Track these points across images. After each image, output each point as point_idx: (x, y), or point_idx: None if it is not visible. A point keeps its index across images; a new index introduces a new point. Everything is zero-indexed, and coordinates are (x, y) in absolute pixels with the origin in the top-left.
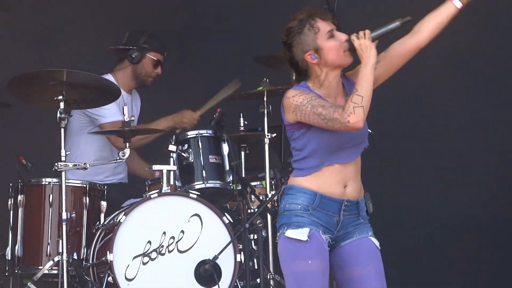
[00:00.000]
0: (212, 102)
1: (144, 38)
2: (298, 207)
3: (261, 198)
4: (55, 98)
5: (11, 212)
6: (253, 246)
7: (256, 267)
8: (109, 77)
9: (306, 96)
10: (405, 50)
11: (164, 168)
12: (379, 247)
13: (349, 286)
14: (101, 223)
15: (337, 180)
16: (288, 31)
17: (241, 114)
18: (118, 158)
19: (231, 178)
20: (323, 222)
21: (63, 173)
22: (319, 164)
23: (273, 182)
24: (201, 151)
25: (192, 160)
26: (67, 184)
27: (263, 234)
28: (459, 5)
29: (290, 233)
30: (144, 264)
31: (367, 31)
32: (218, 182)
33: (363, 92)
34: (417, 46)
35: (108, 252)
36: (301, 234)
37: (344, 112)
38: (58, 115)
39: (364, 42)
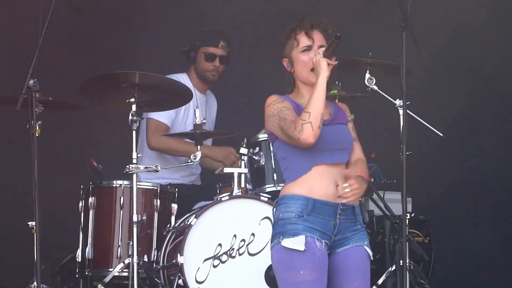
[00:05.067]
0: None
1: (196, 35)
2: (292, 214)
3: None
4: (127, 100)
5: (82, 214)
6: None
7: None
8: (184, 76)
9: (279, 105)
10: None
11: (235, 171)
12: (371, 257)
13: None
14: (172, 225)
15: (326, 180)
16: (285, 36)
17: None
18: (189, 161)
19: None
20: (319, 227)
21: (134, 176)
22: (306, 165)
23: None
24: (272, 154)
25: (263, 163)
26: (138, 186)
27: None
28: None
29: (286, 242)
30: (214, 267)
31: (321, 49)
32: None
33: (311, 108)
34: None
35: (178, 254)
36: (298, 243)
37: (295, 129)
38: (130, 117)
39: (316, 58)
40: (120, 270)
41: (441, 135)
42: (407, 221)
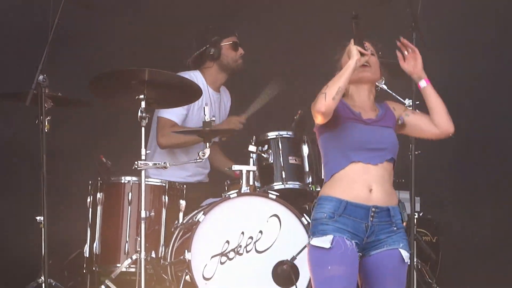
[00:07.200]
0: (256, 105)
1: (211, 33)
2: (324, 215)
3: None
4: (136, 97)
5: (90, 209)
6: None
7: None
8: (197, 73)
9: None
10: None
11: (244, 168)
12: (407, 260)
13: None
14: (180, 222)
15: (361, 182)
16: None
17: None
18: (198, 158)
19: (310, 179)
20: (350, 228)
21: (142, 172)
22: (342, 162)
23: None
24: (281, 152)
25: (271, 161)
26: (146, 182)
27: None
28: (424, 84)
29: (315, 241)
30: (222, 263)
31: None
32: (298, 183)
33: (330, 82)
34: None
35: (186, 251)
36: (325, 242)
37: (314, 102)
38: (139, 114)
39: (348, 47)
40: (127, 266)
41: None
42: (415, 220)
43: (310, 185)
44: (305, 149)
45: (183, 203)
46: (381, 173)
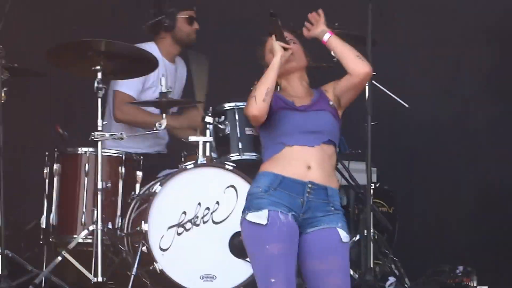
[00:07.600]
0: (200, 85)
1: (168, 4)
2: (259, 189)
3: None
4: (93, 68)
5: (47, 180)
6: None
7: None
8: (152, 45)
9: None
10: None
11: (200, 139)
12: (345, 240)
13: (310, 278)
14: (137, 193)
15: (299, 160)
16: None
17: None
18: (154, 129)
19: None
20: (285, 202)
21: (99, 143)
22: (279, 147)
23: None
24: (237, 123)
25: (228, 132)
26: (103, 154)
27: None
28: (327, 36)
29: (250, 216)
30: (178, 234)
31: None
32: (254, 154)
33: (258, 84)
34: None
35: (143, 222)
36: (260, 217)
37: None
38: (96, 85)
39: (270, 43)
40: (84, 237)
41: (406, 105)
42: (371, 191)
43: None
44: None
45: (139, 174)
46: (320, 155)
